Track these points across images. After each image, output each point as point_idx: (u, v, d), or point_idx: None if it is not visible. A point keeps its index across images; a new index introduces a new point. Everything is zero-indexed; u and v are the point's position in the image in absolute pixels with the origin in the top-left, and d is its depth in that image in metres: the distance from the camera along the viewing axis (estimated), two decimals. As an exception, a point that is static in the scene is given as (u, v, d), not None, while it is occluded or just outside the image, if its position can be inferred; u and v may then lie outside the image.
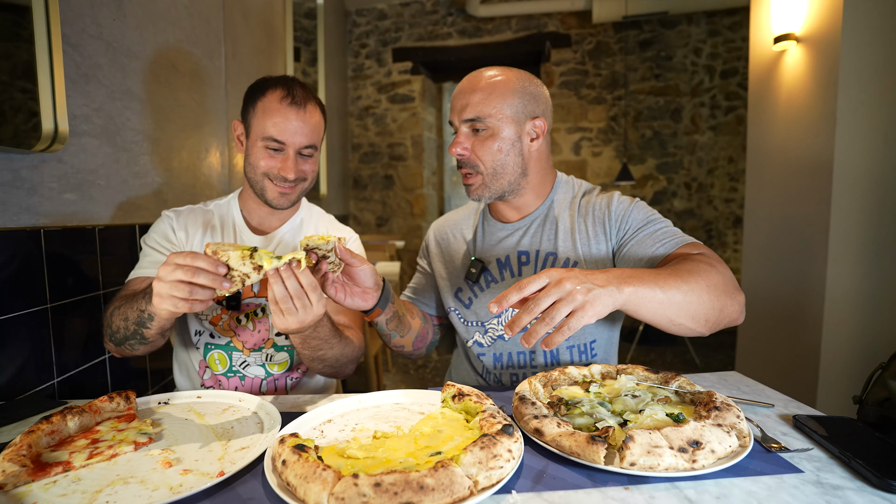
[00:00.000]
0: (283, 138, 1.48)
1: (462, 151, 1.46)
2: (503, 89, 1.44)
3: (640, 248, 1.42)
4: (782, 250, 3.34)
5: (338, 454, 0.90)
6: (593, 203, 1.54)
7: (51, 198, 1.59)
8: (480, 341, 1.61)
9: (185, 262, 1.04)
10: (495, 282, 1.58)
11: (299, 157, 1.53)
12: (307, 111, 1.51)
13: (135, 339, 1.34)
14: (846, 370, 2.87)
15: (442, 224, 1.77)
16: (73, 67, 1.67)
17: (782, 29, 3.24)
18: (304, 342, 1.29)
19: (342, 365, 1.45)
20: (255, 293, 1.59)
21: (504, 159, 1.46)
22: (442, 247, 1.72)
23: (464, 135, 1.47)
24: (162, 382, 2.12)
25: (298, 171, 1.52)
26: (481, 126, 1.44)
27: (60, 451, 0.95)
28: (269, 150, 1.50)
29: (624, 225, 1.48)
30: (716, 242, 6.46)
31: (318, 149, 1.59)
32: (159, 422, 1.13)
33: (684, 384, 1.15)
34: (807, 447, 0.98)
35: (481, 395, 1.08)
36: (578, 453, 0.89)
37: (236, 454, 0.96)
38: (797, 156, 3.18)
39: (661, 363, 5.12)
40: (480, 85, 1.45)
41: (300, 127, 1.49)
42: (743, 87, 6.13)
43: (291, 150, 1.50)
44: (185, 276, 1.04)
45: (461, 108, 1.45)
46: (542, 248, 1.55)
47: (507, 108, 1.44)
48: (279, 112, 1.48)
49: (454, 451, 0.89)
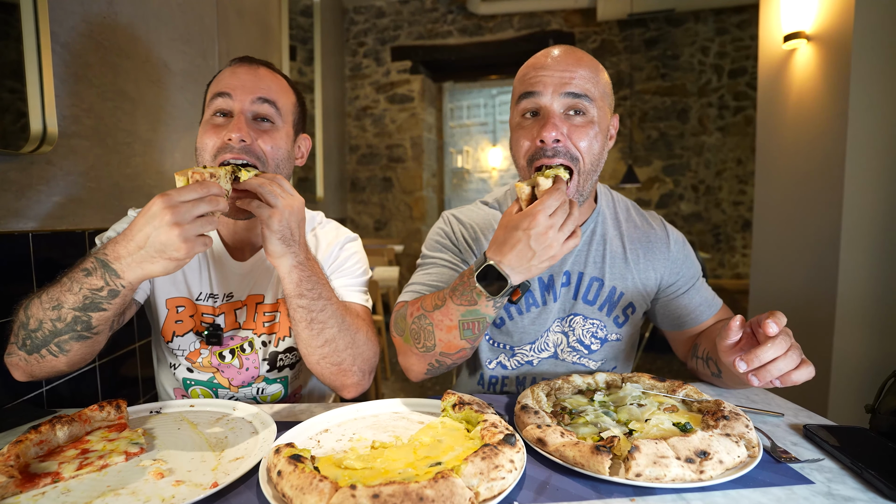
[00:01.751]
0: (229, 89, 1.29)
1: (559, 136, 1.21)
2: (603, 73, 1.29)
3: (689, 302, 1.49)
4: (792, 255, 3.34)
5: (335, 465, 0.90)
6: (649, 232, 1.49)
7: (39, 201, 1.59)
8: (505, 364, 1.52)
9: (200, 192, 1.00)
10: (536, 306, 1.46)
11: (253, 123, 1.30)
12: (260, 69, 1.35)
13: (69, 335, 1.10)
14: (858, 378, 2.87)
15: (467, 220, 1.52)
16: (62, 67, 1.67)
17: (792, 27, 3.25)
18: (308, 311, 1.20)
19: (354, 361, 1.30)
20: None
21: (599, 154, 1.29)
22: (473, 249, 1.49)
23: (558, 115, 1.23)
24: (153, 391, 2.12)
25: (247, 135, 1.26)
26: (583, 107, 1.23)
27: (49, 462, 0.94)
28: (217, 120, 1.31)
29: (678, 271, 1.49)
30: (724, 247, 6.47)
31: (282, 121, 1.36)
32: (151, 431, 1.13)
33: (692, 393, 1.15)
34: (818, 458, 0.98)
35: (483, 404, 1.09)
36: (582, 464, 0.89)
37: (230, 465, 0.96)
38: (808, 157, 3.18)
39: (667, 371, 5.12)
40: (584, 60, 1.26)
41: (252, 80, 1.31)
42: (752, 87, 6.15)
43: (239, 105, 1.29)
44: (212, 205, 1.00)
45: (561, 81, 1.22)
46: (586, 272, 1.44)
47: (606, 94, 1.29)
48: (226, 71, 1.35)
49: (455, 461, 0.89)
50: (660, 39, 6.35)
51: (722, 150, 6.34)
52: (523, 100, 1.26)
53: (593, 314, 1.47)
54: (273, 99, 1.32)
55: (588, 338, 1.47)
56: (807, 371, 0.99)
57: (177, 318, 1.44)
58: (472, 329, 1.18)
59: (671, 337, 1.59)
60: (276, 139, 1.33)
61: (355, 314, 1.38)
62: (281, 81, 1.39)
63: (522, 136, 1.26)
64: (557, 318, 1.48)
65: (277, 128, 1.34)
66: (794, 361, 0.99)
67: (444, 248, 1.50)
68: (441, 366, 1.31)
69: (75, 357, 1.16)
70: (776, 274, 3.54)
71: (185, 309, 1.44)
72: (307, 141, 1.51)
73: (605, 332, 1.48)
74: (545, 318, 1.46)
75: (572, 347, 1.48)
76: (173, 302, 1.44)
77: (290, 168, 1.43)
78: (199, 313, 1.45)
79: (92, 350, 1.19)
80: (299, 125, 1.46)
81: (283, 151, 1.35)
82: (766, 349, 0.98)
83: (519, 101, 1.28)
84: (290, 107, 1.39)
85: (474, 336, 1.20)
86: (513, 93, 1.34)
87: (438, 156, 7.92)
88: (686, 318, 1.49)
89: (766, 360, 0.98)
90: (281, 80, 1.39)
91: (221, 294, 1.45)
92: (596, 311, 1.46)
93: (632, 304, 1.48)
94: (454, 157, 10.02)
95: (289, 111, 1.39)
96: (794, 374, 0.99)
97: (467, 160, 10.20)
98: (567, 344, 1.49)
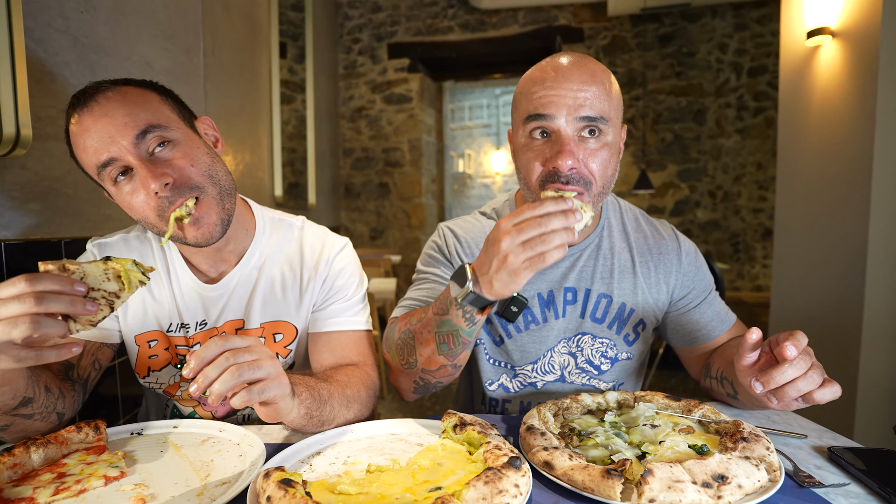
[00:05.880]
0: (105, 144, 1.17)
1: (575, 164, 1.21)
2: (615, 84, 1.29)
3: (700, 317, 1.50)
4: (816, 266, 3.35)
5: (328, 489, 0.91)
6: (659, 243, 1.50)
7: (12, 208, 1.60)
8: (507, 385, 1.53)
9: (22, 288, 0.84)
10: (536, 323, 1.47)
11: (151, 160, 1.19)
12: (111, 99, 1.18)
13: None
14: (886, 397, 2.87)
15: (462, 234, 1.53)
16: (37, 65, 1.69)
17: (816, 22, 3.26)
18: (310, 417, 1.15)
19: (356, 417, 1.29)
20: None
21: (612, 175, 1.30)
22: (464, 257, 1.50)
23: (573, 140, 1.22)
24: (135, 410, 2.12)
25: (158, 177, 1.16)
26: (598, 129, 1.23)
27: (24, 487, 0.95)
28: (120, 182, 1.20)
29: (689, 284, 1.50)
30: (743, 257, 6.47)
31: (175, 131, 1.24)
32: (132, 454, 1.13)
33: (708, 413, 1.15)
34: (843, 482, 0.98)
35: (485, 425, 1.09)
36: (592, 488, 0.89)
37: (216, 489, 0.97)
38: (833, 161, 3.20)
39: (682, 390, 5.11)
40: (598, 75, 1.24)
41: (117, 120, 1.16)
42: (773, 87, 6.17)
43: (127, 153, 1.17)
44: (29, 305, 0.83)
45: (575, 103, 1.20)
46: (594, 288, 1.45)
47: (619, 109, 1.29)
48: (83, 120, 1.18)
49: (456, 485, 0.89)
50: (675, 35, 6.38)
51: (741, 154, 6.36)
52: (533, 121, 1.24)
53: (602, 333, 1.48)
54: (154, 122, 1.20)
55: (598, 358, 1.48)
56: (831, 390, 1.00)
57: (150, 354, 1.42)
58: (448, 343, 1.19)
59: (682, 354, 1.60)
60: (190, 156, 1.24)
61: (354, 358, 1.41)
62: (141, 96, 1.23)
63: (533, 158, 1.25)
64: (564, 339, 1.49)
65: (177, 141, 1.23)
66: (815, 382, 1.00)
67: (438, 262, 1.52)
68: (426, 385, 1.33)
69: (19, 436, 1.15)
70: (799, 286, 3.55)
71: (158, 343, 1.42)
72: (206, 121, 1.39)
73: (615, 352, 1.49)
74: (545, 336, 1.47)
75: (581, 369, 1.49)
76: (143, 338, 1.42)
77: (220, 164, 1.32)
78: (173, 346, 1.43)
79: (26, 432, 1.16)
80: (186, 115, 1.32)
81: (201, 157, 1.26)
82: (784, 370, 0.99)
83: (527, 121, 1.26)
84: (165, 112, 1.25)
85: (451, 352, 1.21)
86: (516, 105, 1.32)
87: (438, 160, 7.94)
88: (698, 333, 1.50)
89: (784, 381, 0.99)
90: (138, 93, 1.23)
91: (193, 323, 1.42)
92: (605, 329, 1.47)
93: (642, 321, 1.49)
94: (455, 162, 10.04)
95: (168, 117, 1.25)
96: (816, 394, 1.00)
97: (469, 164, 10.23)
98: (575, 365, 1.50)
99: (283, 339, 1.44)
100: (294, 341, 1.45)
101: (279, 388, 0.98)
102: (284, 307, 1.43)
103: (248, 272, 1.43)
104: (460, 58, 6.96)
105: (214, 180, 1.27)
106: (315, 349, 1.44)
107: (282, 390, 0.99)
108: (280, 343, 1.44)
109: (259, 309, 1.42)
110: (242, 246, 1.43)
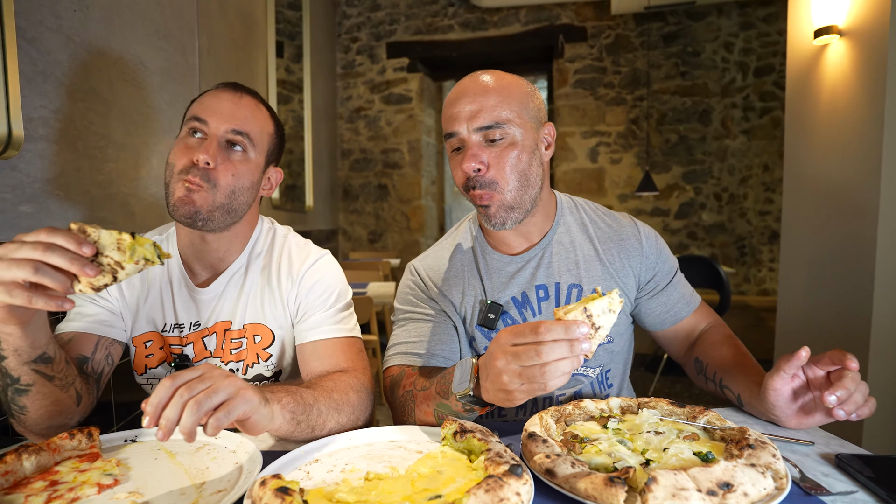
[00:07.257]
0: (206, 115, 1.35)
1: (478, 166, 1.35)
2: (517, 89, 1.40)
3: (668, 298, 1.59)
4: (824, 269, 3.35)
5: (325, 498, 0.91)
6: (619, 231, 1.56)
7: (4, 210, 1.61)
8: None
9: (37, 237, 0.94)
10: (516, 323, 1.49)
11: (223, 149, 1.37)
12: (243, 97, 1.42)
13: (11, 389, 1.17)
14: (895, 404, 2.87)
15: (431, 265, 1.63)
16: (28, 64, 1.69)
17: (824, 21, 3.27)
18: (297, 423, 1.16)
19: (346, 424, 1.29)
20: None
21: (527, 171, 1.39)
22: (446, 295, 1.57)
23: (477, 145, 1.36)
24: (129, 417, 2.12)
25: (213, 159, 1.33)
26: (500, 134, 1.35)
27: (15, 495, 0.95)
28: (189, 140, 1.37)
29: (653, 266, 1.57)
30: (749, 260, 6.48)
31: (255, 152, 1.43)
32: (126, 461, 1.13)
33: (714, 419, 1.15)
34: (851, 490, 0.98)
35: (486, 432, 1.09)
36: (595, 497, 0.89)
37: (212, 497, 0.97)
38: (841, 163, 3.20)
39: (687, 396, 5.10)
40: (492, 85, 1.38)
41: (231, 108, 1.38)
42: (780, 87, 6.18)
43: (213, 131, 1.36)
44: (33, 252, 0.92)
45: (471, 115, 1.35)
46: (563, 281, 1.51)
47: (526, 110, 1.39)
48: (209, 94, 1.41)
49: (456, 494, 0.89)
50: (679, 34, 6.40)
51: (747, 155, 6.37)
52: (448, 139, 1.43)
53: None
54: (247, 130, 1.39)
55: None
56: (871, 405, 1.11)
57: (147, 353, 1.51)
58: (446, 420, 1.19)
59: (658, 337, 1.68)
60: (241, 169, 1.39)
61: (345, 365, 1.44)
62: (262, 112, 1.46)
63: (455, 169, 1.44)
64: None
65: (248, 158, 1.41)
66: (865, 394, 1.11)
67: (419, 300, 1.60)
68: None
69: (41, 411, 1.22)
70: (806, 290, 3.55)
71: (153, 342, 1.51)
72: (278, 174, 1.57)
73: None
74: None
75: None
76: (140, 339, 1.50)
77: (252, 198, 1.47)
78: (167, 345, 1.51)
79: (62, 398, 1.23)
80: (273, 156, 1.52)
81: (246, 181, 1.41)
82: (848, 380, 1.09)
83: (446, 140, 1.44)
84: (265, 138, 1.46)
85: None
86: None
87: (438, 161, 7.94)
88: (666, 315, 1.60)
89: (854, 390, 1.09)
90: (262, 110, 1.47)
91: (188, 323, 1.50)
92: None
93: None
94: (455, 163, 9.98)
95: (264, 143, 1.46)
96: (863, 409, 1.10)
97: (469, 165, 10.18)
98: None
99: (262, 341, 1.50)
100: (272, 345, 1.51)
101: (245, 404, 0.98)
102: (261, 312, 1.50)
103: (237, 277, 1.52)
104: (461, 57, 6.97)
105: (225, 195, 1.37)
106: (303, 360, 1.48)
107: (249, 404, 0.99)
108: (259, 345, 1.50)
109: (242, 311, 1.50)
110: (236, 252, 1.53)
